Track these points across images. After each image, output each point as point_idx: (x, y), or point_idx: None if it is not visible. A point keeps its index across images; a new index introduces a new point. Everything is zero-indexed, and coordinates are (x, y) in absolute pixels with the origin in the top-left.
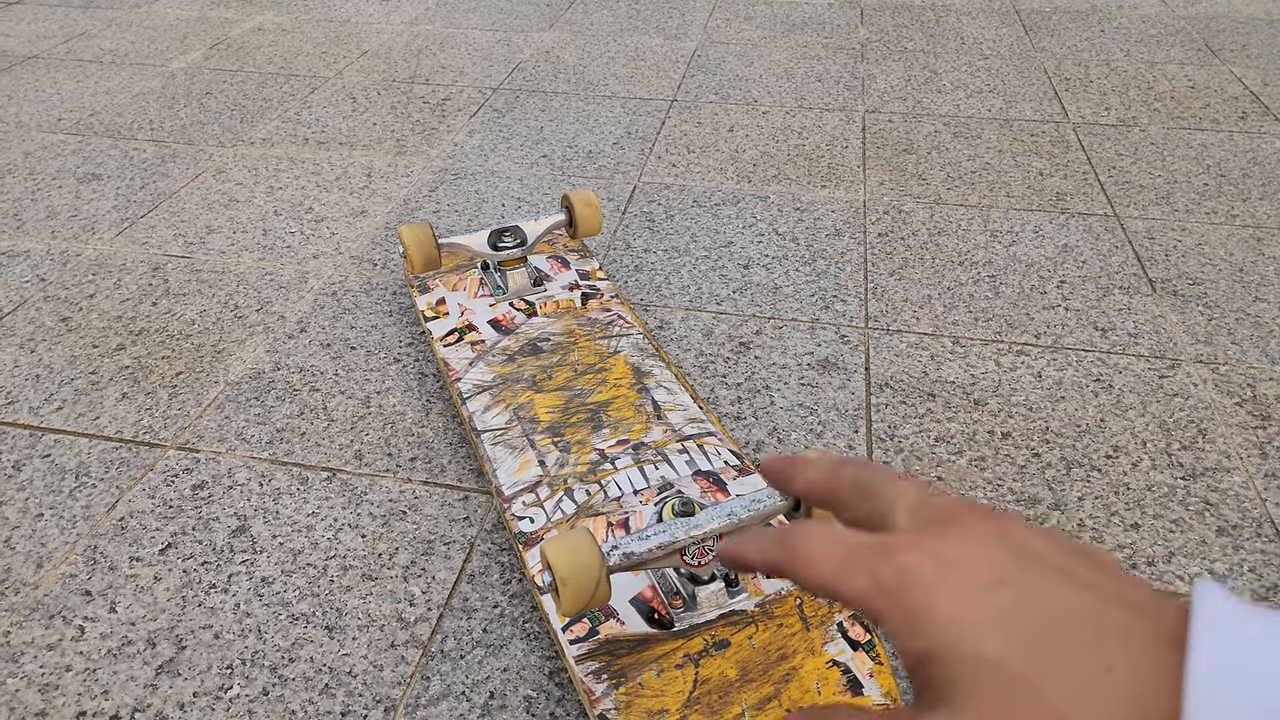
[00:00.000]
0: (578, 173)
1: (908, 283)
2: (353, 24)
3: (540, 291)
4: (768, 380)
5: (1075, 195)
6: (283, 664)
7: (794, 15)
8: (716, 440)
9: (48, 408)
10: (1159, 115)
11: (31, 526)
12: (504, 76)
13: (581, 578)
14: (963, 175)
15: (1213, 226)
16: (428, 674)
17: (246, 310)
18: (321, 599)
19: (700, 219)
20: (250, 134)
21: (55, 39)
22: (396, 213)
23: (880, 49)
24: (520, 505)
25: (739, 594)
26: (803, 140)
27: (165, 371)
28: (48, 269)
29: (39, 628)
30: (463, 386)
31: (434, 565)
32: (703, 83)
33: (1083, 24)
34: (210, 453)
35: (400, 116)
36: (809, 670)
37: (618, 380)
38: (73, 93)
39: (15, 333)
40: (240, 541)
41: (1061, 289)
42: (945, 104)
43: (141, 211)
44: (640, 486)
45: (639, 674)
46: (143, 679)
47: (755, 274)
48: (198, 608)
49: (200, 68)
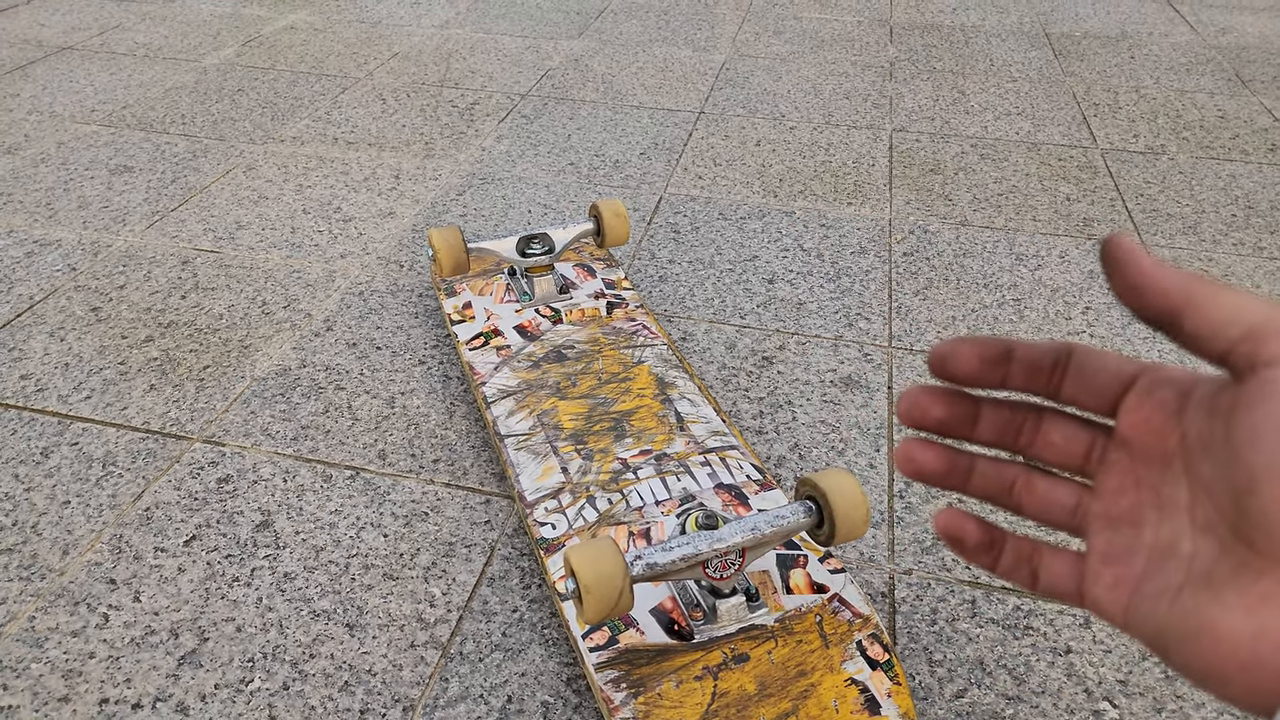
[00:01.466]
0: (604, 182)
1: (932, 303)
2: (384, 25)
3: (566, 299)
4: (790, 396)
5: (1102, 221)
6: (303, 659)
7: (823, 31)
8: (739, 454)
9: (76, 396)
10: (1187, 144)
11: (59, 513)
12: (533, 83)
13: (605, 586)
14: (989, 197)
15: (1240, 258)
16: (446, 675)
17: (274, 307)
18: (343, 596)
19: (726, 232)
20: (281, 132)
21: (90, 31)
22: (424, 215)
23: (909, 68)
24: (542, 511)
25: (759, 608)
26: (829, 157)
27: (193, 365)
28: (78, 259)
29: (64, 614)
30: (487, 391)
31: (455, 567)
32: (730, 96)
33: (1113, 50)
34: (236, 447)
35: (429, 119)
36: (827, 687)
37: (641, 390)
38: (106, 85)
39: (46, 321)
40: (264, 536)
41: (1087, 315)
42: (973, 125)
43: (172, 205)
44: (662, 497)
45: (658, 684)
46: (165, 669)
47: (779, 289)
48: (220, 600)
49: (233, 64)
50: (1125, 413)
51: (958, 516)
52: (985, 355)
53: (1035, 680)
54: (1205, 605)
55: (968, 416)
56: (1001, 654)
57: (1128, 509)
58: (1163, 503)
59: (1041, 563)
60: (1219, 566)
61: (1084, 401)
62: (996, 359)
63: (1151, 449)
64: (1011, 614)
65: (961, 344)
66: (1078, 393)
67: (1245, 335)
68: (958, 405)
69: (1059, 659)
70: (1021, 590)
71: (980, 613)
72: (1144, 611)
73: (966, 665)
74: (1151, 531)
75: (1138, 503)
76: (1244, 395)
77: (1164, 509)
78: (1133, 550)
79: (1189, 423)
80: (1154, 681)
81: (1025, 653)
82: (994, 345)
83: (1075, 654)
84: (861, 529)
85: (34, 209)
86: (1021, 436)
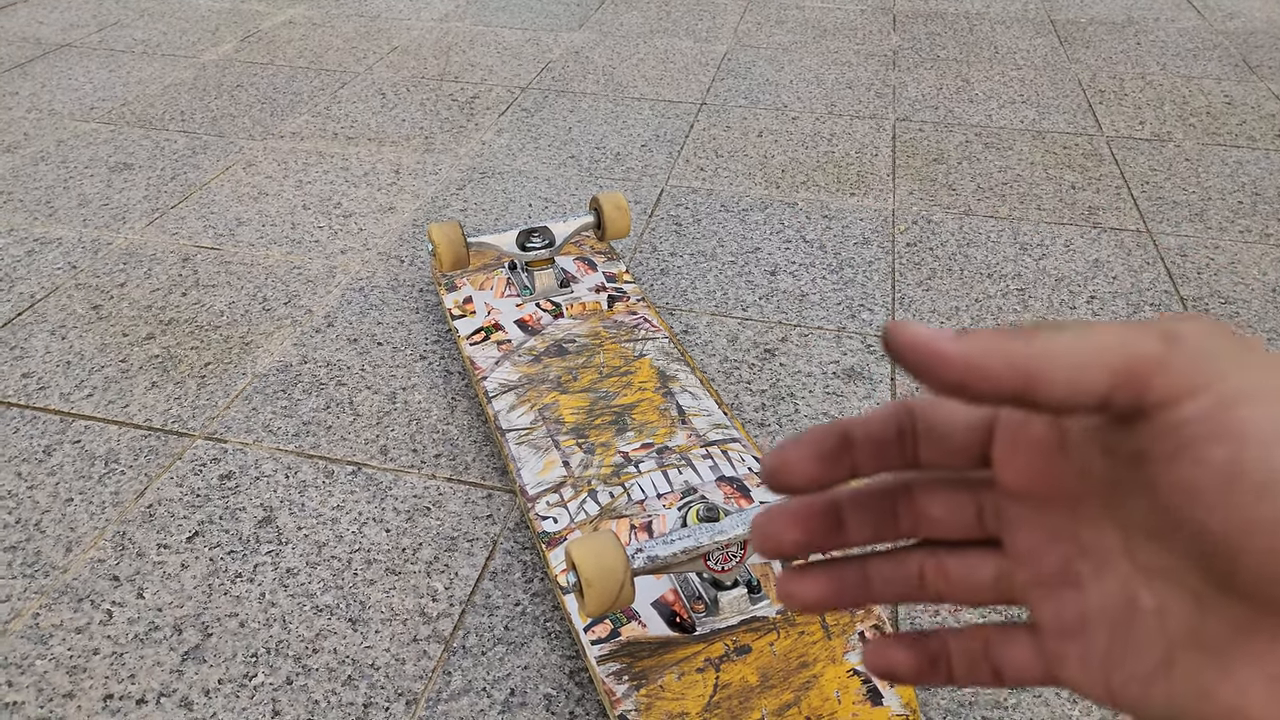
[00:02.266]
0: (605, 174)
1: (935, 294)
2: (383, 19)
3: (567, 293)
4: (792, 388)
5: (1107, 210)
6: (306, 654)
7: (825, 21)
8: (740, 446)
9: (78, 394)
10: (1194, 131)
11: (61, 511)
12: (533, 76)
13: (606, 579)
14: (993, 186)
15: (1246, 245)
16: (449, 669)
17: (274, 303)
18: (345, 591)
19: (728, 224)
20: (280, 127)
21: (89, 28)
22: (424, 210)
23: (912, 57)
24: (544, 505)
25: (761, 600)
26: (832, 147)
27: (194, 362)
28: (79, 257)
29: (68, 611)
30: (488, 385)
31: (457, 561)
32: (732, 87)
33: (1119, 36)
34: (237, 443)
35: (429, 114)
36: (829, 679)
37: (643, 384)
38: (105, 82)
39: (47, 319)
40: (266, 532)
41: (1091, 304)
42: (977, 114)
43: (172, 202)
44: (664, 490)
45: (660, 676)
46: (169, 664)
47: (782, 280)
48: (224, 596)
49: (231, 60)
50: (1000, 465)
51: (881, 647)
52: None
53: None
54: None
55: (828, 524)
56: None
57: (1056, 568)
58: (1090, 552)
59: (997, 656)
60: (1210, 627)
61: (949, 463)
62: (834, 453)
63: (1049, 496)
64: None
65: (790, 450)
66: (938, 457)
67: (1114, 383)
68: (813, 518)
69: None
70: None
71: None
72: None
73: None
74: (1096, 590)
75: (1063, 558)
76: (1154, 449)
77: (1095, 559)
78: (1085, 619)
79: (1082, 461)
80: None
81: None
82: (826, 438)
83: None
84: None
85: (34, 207)
86: (900, 522)
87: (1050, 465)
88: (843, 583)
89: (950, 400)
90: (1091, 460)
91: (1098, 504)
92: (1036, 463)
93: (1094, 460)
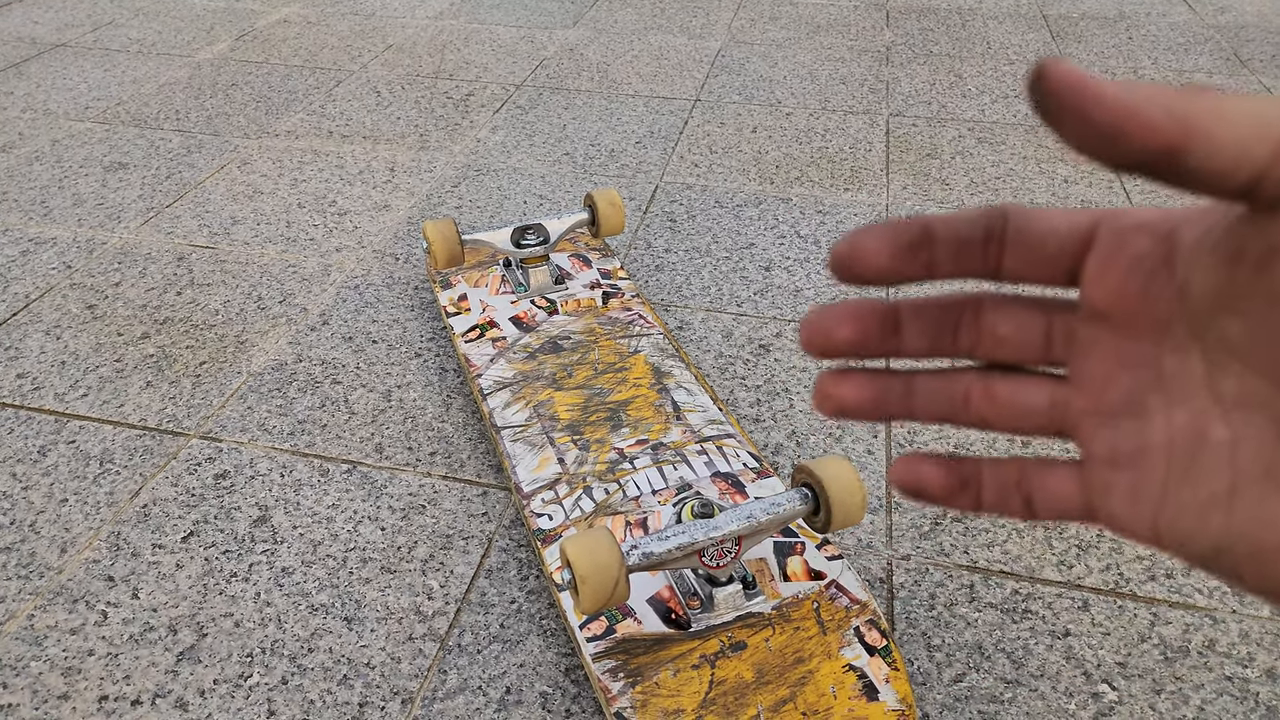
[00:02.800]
0: (600, 171)
1: (929, 288)
2: (378, 17)
3: (562, 289)
4: (787, 383)
5: (1101, 204)
6: (302, 654)
7: (819, 17)
8: (735, 442)
9: (73, 394)
10: None
11: (56, 511)
12: (527, 73)
13: (601, 576)
14: (986, 181)
15: None
16: (445, 667)
17: (269, 302)
18: (341, 590)
19: (722, 220)
20: (275, 126)
21: (83, 27)
22: (419, 208)
23: (905, 52)
24: (539, 502)
25: (756, 596)
26: (826, 143)
27: (189, 361)
28: (74, 256)
29: (62, 612)
30: (483, 383)
31: (452, 560)
32: (726, 83)
33: (1110, 31)
34: (232, 443)
35: (424, 111)
36: (825, 674)
37: (638, 380)
38: (100, 81)
39: (42, 319)
40: (261, 531)
41: None
42: (970, 109)
43: (167, 201)
44: (659, 486)
45: (655, 673)
46: (164, 665)
47: (776, 276)
48: (219, 596)
49: (226, 59)
50: (1090, 280)
51: (912, 462)
52: (898, 243)
53: (1034, 663)
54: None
55: (885, 327)
56: (1000, 638)
57: (1123, 398)
58: (1167, 382)
59: (1033, 485)
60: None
61: (1033, 275)
62: (913, 245)
63: (1137, 318)
64: (1010, 598)
65: (867, 235)
66: (1023, 267)
67: (1273, 159)
68: (868, 317)
69: (1057, 642)
70: (1020, 573)
71: (978, 597)
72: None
73: (965, 649)
74: (1163, 422)
75: (1134, 388)
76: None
77: (1171, 390)
78: (1144, 450)
79: (1188, 276)
80: (1153, 663)
81: (1024, 636)
82: (907, 228)
83: (1074, 636)
84: (858, 516)
85: (29, 207)
86: (960, 337)
87: (1149, 283)
88: (886, 392)
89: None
90: (1204, 276)
91: (1187, 329)
92: (1134, 280)
93: (1207, 275)
